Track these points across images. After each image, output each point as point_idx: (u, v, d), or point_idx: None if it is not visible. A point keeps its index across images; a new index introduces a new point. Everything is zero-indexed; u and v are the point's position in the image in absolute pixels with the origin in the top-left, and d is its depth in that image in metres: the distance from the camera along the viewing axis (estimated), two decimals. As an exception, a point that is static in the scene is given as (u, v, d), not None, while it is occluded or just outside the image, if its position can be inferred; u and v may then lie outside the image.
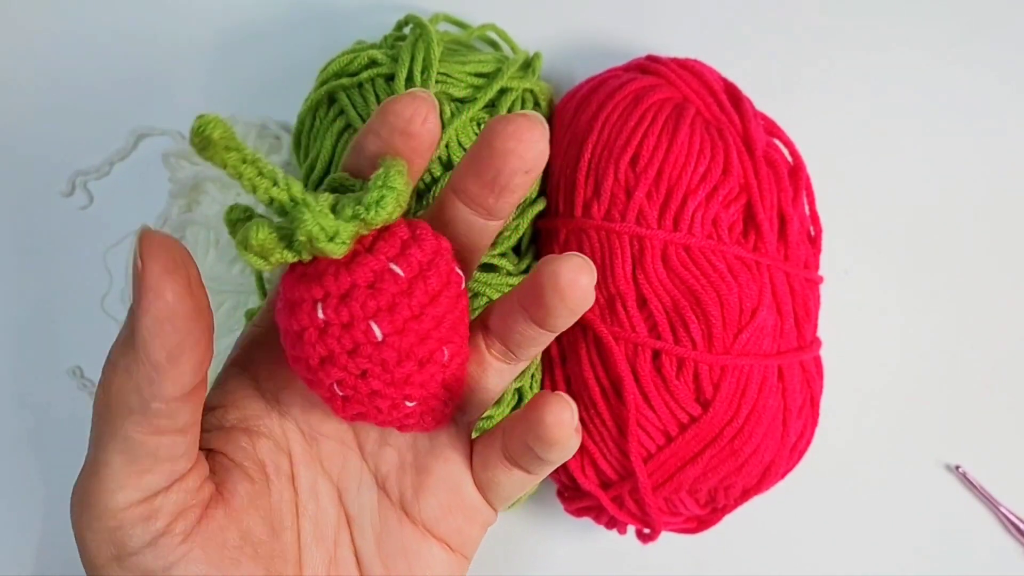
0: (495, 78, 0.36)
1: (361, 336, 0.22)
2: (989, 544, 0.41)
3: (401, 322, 0.22)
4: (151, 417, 0.22)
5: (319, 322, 0.22)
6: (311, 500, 0.26)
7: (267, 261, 0.22)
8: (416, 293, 0.22)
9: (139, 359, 0.21)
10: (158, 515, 0.23)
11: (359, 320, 0.22)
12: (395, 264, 0.22)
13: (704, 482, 0.34)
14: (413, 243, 0.23)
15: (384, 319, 0.22)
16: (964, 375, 0.41)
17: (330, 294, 0.22)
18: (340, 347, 0.22)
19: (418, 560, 0.27)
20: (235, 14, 0.45)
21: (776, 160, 0.36)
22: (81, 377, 0.43)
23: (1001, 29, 0.42)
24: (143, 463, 0.22)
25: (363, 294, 0.22)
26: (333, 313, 0.22)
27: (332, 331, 0.22)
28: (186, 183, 0.40)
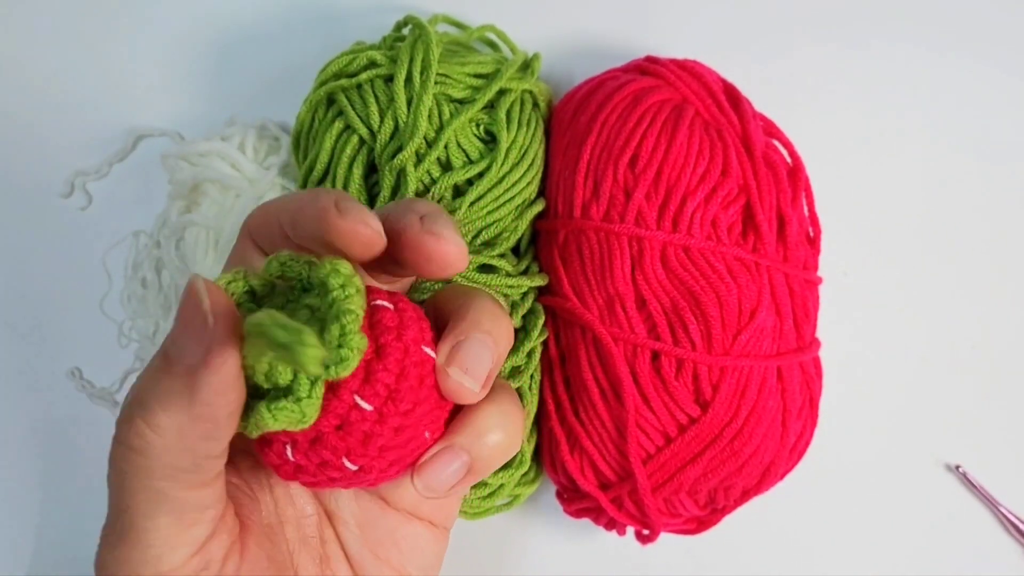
0: (494, 79, 0.36)
1: (337, 472, 0.22)
2: (989, 544, 0.40)
3: (376, 450, 0.22)
4: (201, 473, 0.21)
5: (291, 463, 0.22)
6: (288, 505, 0.26)
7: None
8: (389, 418, 0.22)
9: (198, 418, 0.20)
10: (211, 564, 0.22)
11: (332, 460, 0.22)
12: (361, 397, 0.21)
13: (703, 483, 0.34)
14: (378, 365, 0.21)
15: (357, 453, 0.22)
16: (964, 375, 0.41)
17: (298, 441, 0.21)
18: (317, 479, 0.22)
19: (405, 542, 0.27)
20: (235, 15, 0.45)
21: (775, 161, 0.36)
22: (80, 378, 0.43)
23: (1001, 30, 0.42)
24: (191, 517, 0.21)
25: (332, 438, 0.21)
26: (304, 457, 0.22)
27: (307, 469, 0.22)
28: (185, 184, 0.40)
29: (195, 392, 0.19)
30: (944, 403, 0.41)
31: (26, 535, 0.43)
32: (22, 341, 0.44)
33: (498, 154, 0.35)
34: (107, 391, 0.43)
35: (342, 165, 0.35)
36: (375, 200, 0.35)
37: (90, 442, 0.43)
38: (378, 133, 0.35)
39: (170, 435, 0.20)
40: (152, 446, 0.20)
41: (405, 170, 0.34)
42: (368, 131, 0.35)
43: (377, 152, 0.35)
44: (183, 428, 0.20)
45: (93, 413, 0.43)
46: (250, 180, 0.39)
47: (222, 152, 0.40)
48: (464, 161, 0.35)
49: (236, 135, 0.41)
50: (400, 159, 0.34)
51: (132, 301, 0.42)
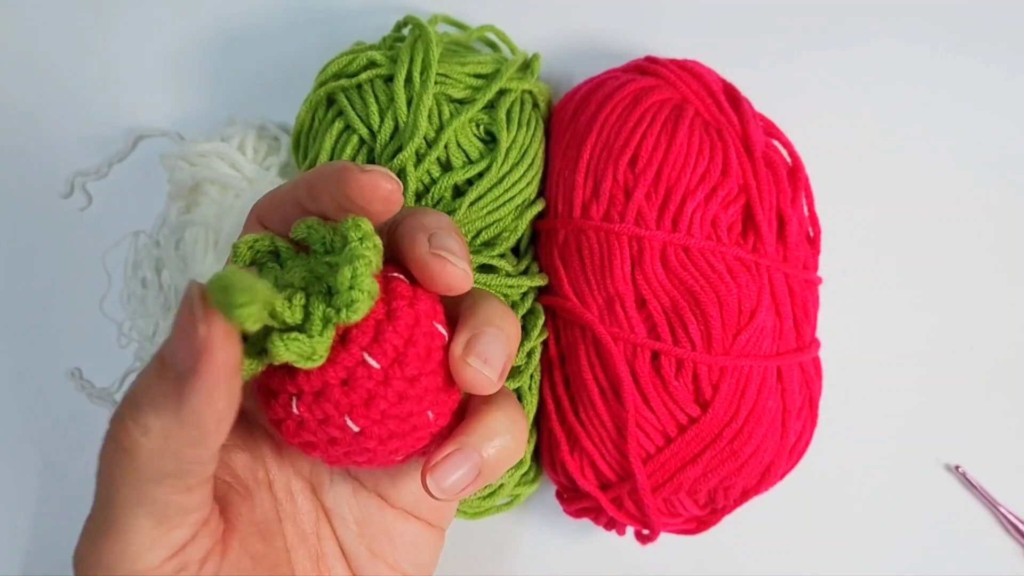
0: (494, 79, 0.36)
1: (337, 431, 0.22)
2: (989, 544, 0.40)
3: (379, 413, 0.22)
4: (187, 478, 0.21)
5: (295, 416, 0.22)
6: (288, 501, 0.26)
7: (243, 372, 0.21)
8: (393, 381, 0.22)
9: (185, 423, 0.19)
10: (188, 566, 0.22)
11: (334, 417, 0.22)
12: (369, 354, 0.22)
13: (703, 483, 0.34)
14: (388, 325, 0.22)
15: (360, 414, 0.22)
16: (964, 375, 0.41)
17: (304, 391, 0.22)
18: (318, 438, 0.22)
19: (402, 539, 0.27)
20: (234, 15, 0.45)
21: (775, 161, 0.36)
22: (80, 378, 0.43)
23: (1000, 31, 0.42)
24: (172, 520, 0.21)
25: (336, 392, 0.21)
26: (307, 411, 0.22)
27: (309, 425, 0.22)
28: (185, 184, 0.40)
29: (183, 398, 0.19)
30: (944, 403, 0.41)
31: (25, 535, 0.43)
32: (22, 341, 0.44)
33: (498, 154, 0.35)
34: (107, 391, 0.43)
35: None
36: (375, 200, 0.35)
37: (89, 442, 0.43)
38: (378, 133, 0.35)
39: (157, 438, 0.20)
40: (140, 447, 0.20)
41: (405, 170, 0.34)
42: (368, 131, 0.35)
43: (377, 152, 0.35)
44: (170, 432, 0.20)
45: (92, 413, 0.43)
46: (250, 180, 0.39)
47: (222, 152, 0.40)
48: (464, 161, 0.35)
49: (236, 135, 0.41)
50: (400, 159, 0.34)
51: (132, 301, 0.42)
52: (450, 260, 0.23)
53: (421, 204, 0.35)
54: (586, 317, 0.35)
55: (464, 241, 0.24)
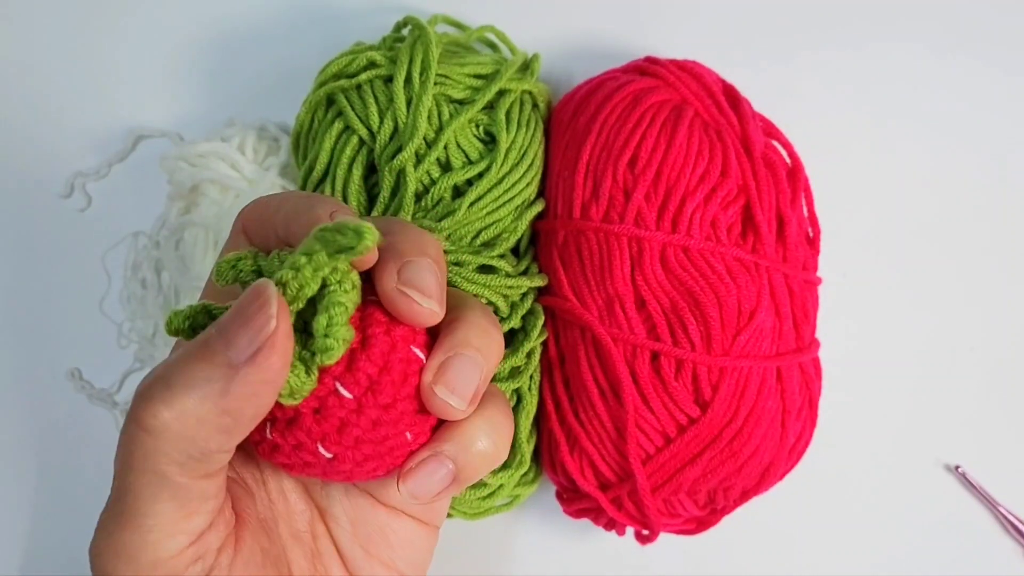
0: (493, 79, 0.36)
1: (310, 456, 0.22)
2: (989, 544, 0.40)
3: (351, 440, 0.22)
4: (209, 464, 0.21)
5: (269, 441, 0.22)
6: (281, 500, 0.26)
7: None
8: (367, 409, 0.22)
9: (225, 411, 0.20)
10: (206, 554, 0.22)
11: (306, 444, 0.22)
12: (341, 384, 0.22)
13: (703, 483, 0.34)
14: (362, 353, 0.22)
15: (332, 440, 0.22)
16: (963, 375, 0.41)
17: (277, 418, 0.22)
18: (292, 461, 0.23)
19: (396, 538, 0.27)
20: (234, 16, 0.45)
21: (774, 161, 0.36)
22: (80, 379, 0.43)
23: (1000, 32, 0.42)
24: (192, 506, 0.21)
25: (308, 420, 0.22)
26: (280, 437, 0.22)
27: (283, 450, 0.22)
28: (185, 185, 0.40)
29: (232, 385, 0.20)
30: (944, 403, 0.41)
31: (24, 535, 0.43)
32: (22, 341, 0.44)
33: (498, 155, 0.35)
34: (106, 392, 0.43)
35: (342, 166, 0.35)
36: (375, 201, 0.35)
37: (89, 442, 0.43)
38: (378, 134, 0.35)
39: (190, 421, 0.20)
40: (168, 428, 0.20)
41: (405, 171, 0.34)
42: (368, 132, 0.35)
43: (377, 153, 0.35)
44: (205, 417, 0.20)
45: (92, 414, 0.43)
46: (249, 181, 0.39)
47: (221, 153, 0.40)
48: (464, 162, 0.35)
49: (236, 136, 0.41)
50: (400, 160, 0.34)
51: (131, 302, 0.42)
52: (416, 300, 0.22)
53: (421, 204, 0.35)
54: (586, 318, 0.35)
55: (440, 268, 0.23)
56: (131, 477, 0.21)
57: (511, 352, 0.35)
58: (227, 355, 0.20)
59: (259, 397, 0.20)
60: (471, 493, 0.36)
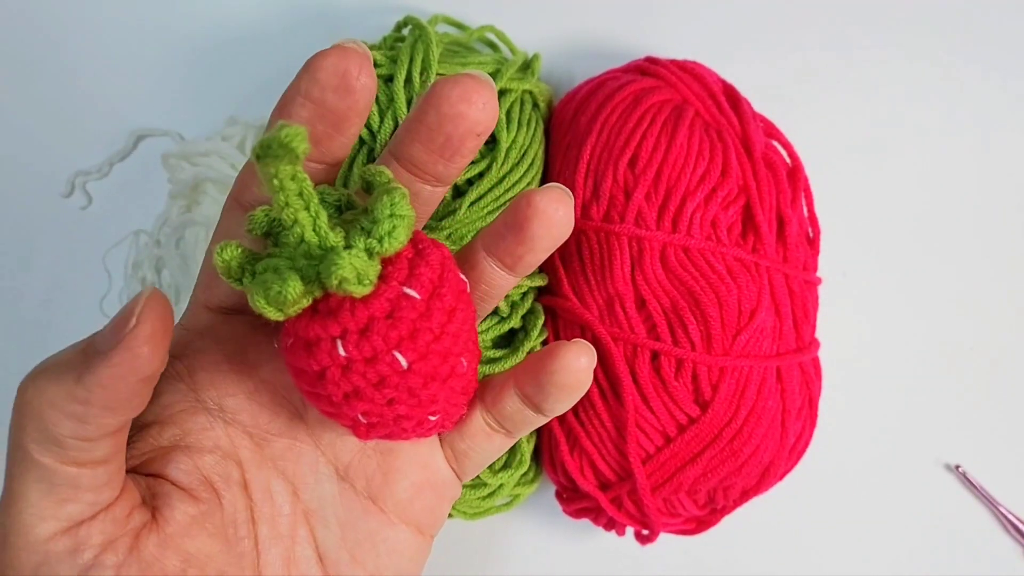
0: (494, 79, 0.36)
1: (386, 368, 0.21)
2: (989, 544, 0.41)
3: (424, 346, 0.22)
4: (68, 451, 0.21)
5: (341, 360, 0.21)
6: (266, 502, 0.25)
7: (283, 312, 0.21)
8: (434, 313, 0.22)
9: (76, 399, 0.20)
10: (85, 546, 0.22)
11: (383, 353, 0.21)
12: (408, 288, 0.21)
13: (703, 483, 0.35)
14: (420, 261, 0.22)
15: (407, 347, 0.21)
16: (964, 375, 0.41)
17: (349, 330, 0.21)
18: (366, 381, 0.22)
19: (385, 546, 0.26)
20: (235, 15, 0.45)
21: (775, 162, 0.36)
22: (81, 378, 0.43)
23: (1000, 34, 0.42)
24: (63, 492, 0.21)
25: (383, 326, 0.21)
26: (355, 349, 0.21)
27: (356, 367, 0.21)
28: (186, 184, 0.40)
29: (85, 374, 0.20)
30: (944, 403, 0.41)
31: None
32: (22, 341, 0.44)
33: (498, 154, 0.35)
34: (107, 391, 0.43)
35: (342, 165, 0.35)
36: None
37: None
38: (378, 133, 0.35)
39: (44, 401, 0.20)
40: (31, 406, 0.21)
41: (405, 170, 0.34)
42: (368, 131, 0.35)
43: (377, 152, 0.35)
44: (55, 400, 0.20)
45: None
46: (250, 180, 0.39)
47: (222, 152, 0.40)
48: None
49: (236, 135, 0.41)
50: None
51: (132, 301, 0.42)
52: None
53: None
54: (586, 317, 0.35)
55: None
56: (9, 456, 0.21)
57: (511, 352, 0.35)
58: (94, 346, 0.20)
59: (110, 393, 0.20)
60: (471, 493, 0.37)
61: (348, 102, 0.22)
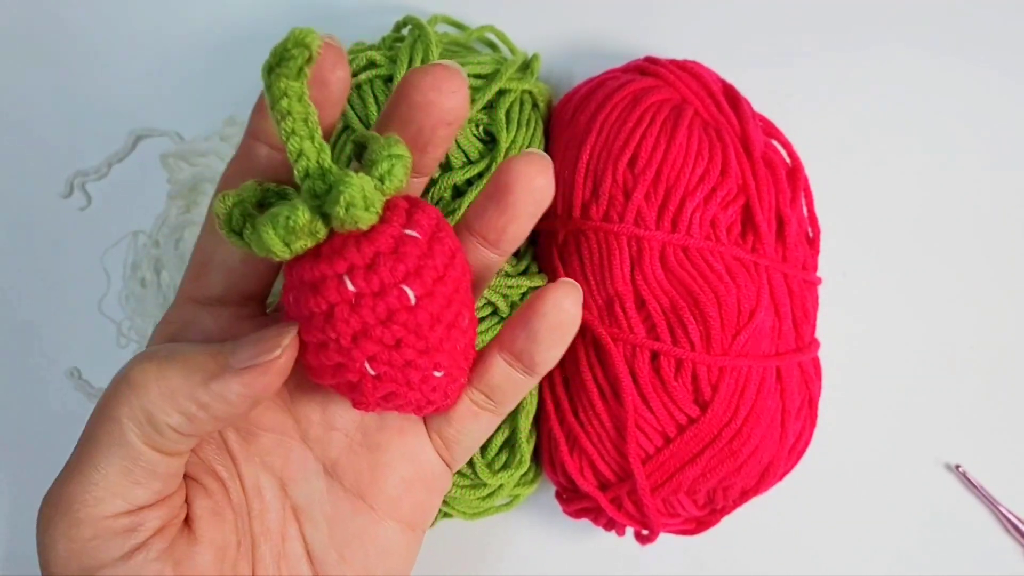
0: (493, 79, 0.36)
1: (395, 302, 0.21)
2: (989, 544, 0.40)
3: (430, 283, 0.22)
4: (164, 439, 0.22)
5: (349, 295, 0.21)
6: (256, 498, 0.25)
7: (289, 248, 0.21)
8: (436, 254, 0.22)
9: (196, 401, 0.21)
10: (140, 529, 0.22)
11: (390, 286, 0.21)
12: (409, 229, 0.22)
13: (703, 483, 0.34)
14: (417, 209, 0.22)
15: (414, 282, 0.22)
16: (964, 375, 0.41)
17: (356, 265, 0.21)
18: (374, 317, 0.21)
19: (375, 543, 0.26)
20: (234, 14, 0.45)
21: (774, 161, 0.36)
22: (79, 378, 0.43)
23: (1000, 33, 0.42)
24: (139, 475, 0.22)
25: (390, 260, 0.21)
26: (363, 282, 0.21)
27: (365, 302, 0.21)
28: (185, 184, 0.40)
29: (215, 381, 0.21)
30: (944, 403, 0.41)
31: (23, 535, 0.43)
32: (21, 340, 0.44)
33: (498, 154, 0.35)
34: (106, 391, 0.43)
35: (341, 165, 0.35)
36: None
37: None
38: (377, 133, 0.35)
39: (165, 389, 0.21)
40: (145, 386, 0.21)
41: (404, 170, 0.34)
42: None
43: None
44: (177, 393, 0.21)
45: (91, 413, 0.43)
46: (249, 180, 0.39)
47: (221, 152, 0.40)
48: (463, 161, 0.35)
49: (235, 135, 0.41)
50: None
51: (131, 301, 0.42)
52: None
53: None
54: (585, 318, 0.35)
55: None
56: (96, 426, 0.22)
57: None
58: (227, 358, 0.21)
59: (230, 405, 0.21)
60: (471, 493, 0.36)
61: (324, 94, 0.22)
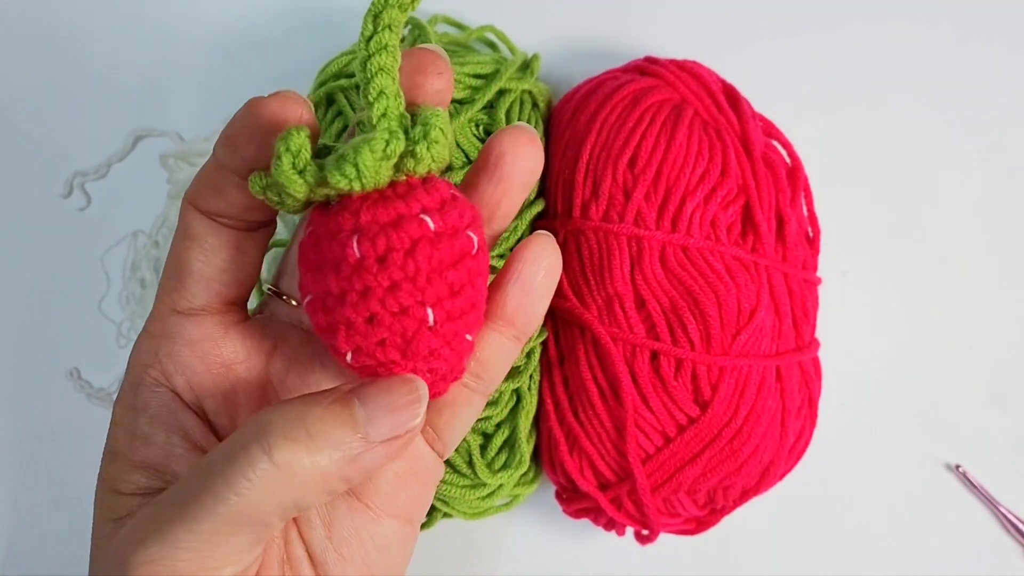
0: (493, 79, 0.36)
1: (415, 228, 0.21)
2: (989, 544, 0.40)
3: (452, 220, 0.22)
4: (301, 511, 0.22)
5: (430, 232, 0.21)
6: None
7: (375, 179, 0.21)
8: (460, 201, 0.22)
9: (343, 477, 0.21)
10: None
11: (461, 229, 0.22)
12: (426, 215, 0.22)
13: (703, 483, 0.34)
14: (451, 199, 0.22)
15: (434, 211, 0.22)
16: (964, 375, 0.41)
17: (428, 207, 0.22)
18: (451, 257, 0.22)
19: (372, 540, 0.26)
20: (234, 15, 0.45)
21: (774, 161, 0.36)
22: (78, 379, 0.43)
23: (999, 32, 0.42)
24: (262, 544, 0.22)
25: (457, 205, 0.22)
26: (441, 221, 0.21)
27: (444, 240, 0.21)
28: (184, 184, 0.40)
29: (362, 458, 0.21)
30: (944, 403, 0.41)
31: (22, 535, 0.43)
32: (20, 341, 0.44)
33: (497, 154, 0.35)
34: (105, 391, 0.43)
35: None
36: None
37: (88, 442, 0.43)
38: (377, 133, 0.35)
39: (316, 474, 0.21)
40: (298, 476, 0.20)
41: (404, 170, 0.34)
42: (367, 131, 0.35)
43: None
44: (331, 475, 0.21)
45: (92, 414, 0.43)
46: (249, 180, 0.39)
47: (221, 152, 0.40)
48: (464, 161, 0.35)
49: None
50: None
51: (131, 301, 0.42)
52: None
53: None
54: (585, 317, 0.35)
55: None
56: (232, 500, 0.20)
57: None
58: (367, 430, 0.21)
59: (374, 472, 0.21)
60: (471, 493, 0.36)
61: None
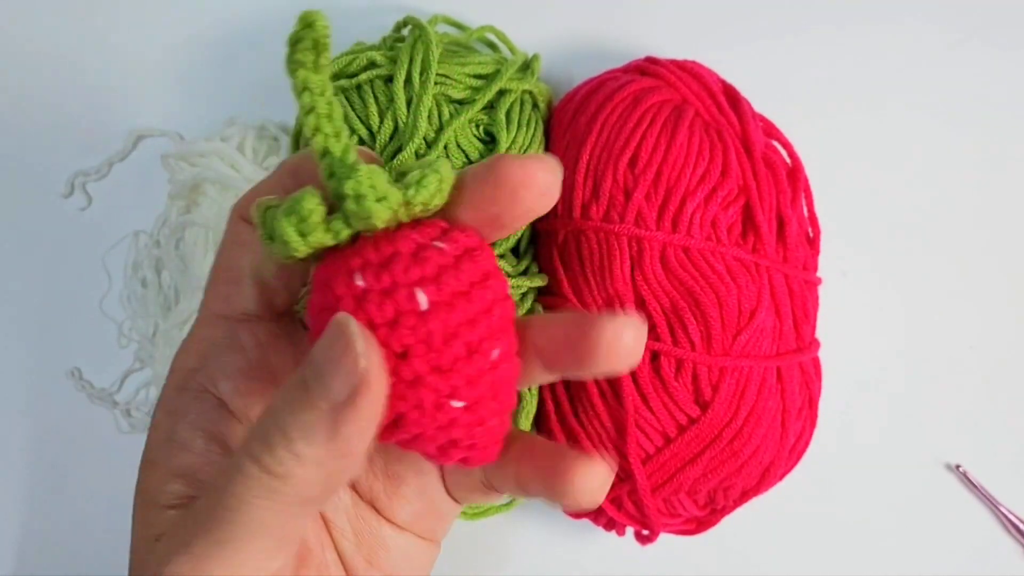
0: (494, 79, 0.36)
1: (404, 302, 0.20)
2: (989, 544, 0.40)
3: (448, 295, 0.20)
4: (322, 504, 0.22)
5: (357, 290, 0.20)
6: None
7: (305, 240, 0.20)
8: (463, 269, 0.20)
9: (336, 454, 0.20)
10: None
11: (401, 286, 0.20)
12: (439, 242, 0.20)
13: (703, 483, 0.34)
14: (455, 229, 0.21)
15: (428, 286, 0.20)
16: (964, 375, 0.41)
17: (369, 262, 0.20)
18: (381, 317, 0.20)
19: (397, 550, 0.27)
20: (234, 15, 0.45)
21: (775, 161, 0.36)
22: (79, 378, 0.43)
23: (1000, 32, 0.42)
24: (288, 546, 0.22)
25: (406, 260, 0.20)
26: (373, 279, 0.20)
27: (371, 297, 0.20)
28: (185, 184, 0.40)
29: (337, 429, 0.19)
30: (944, 403, 0.41)
31: (22, 535, 0.43)
32: (22, 341, 0.44)
33: (498, 154, 0.35)
34: (106, 391, 0.43)
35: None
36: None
37: (88, 442, 0.43)
38: (378, 134, 0.35)
39: (311, 466, 0.20)
40: (293, 475, 0.20)
41: (405, 170, 0.34)
42: (368, 131, 0.35)
43: (377, 152, 0.35)
44: (322, 461, 0.20)
45: (92, 414, 0.43)
46: (249, 180, 0.39)
47: (222, 152, 0.40)
48: (464, 162, 0.35)
49: (236, 135, 0.41)
50: (400, 160, 0.34)
51: (132, 301, 0.42)
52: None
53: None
54: (586, 317, 0.35)
55: None
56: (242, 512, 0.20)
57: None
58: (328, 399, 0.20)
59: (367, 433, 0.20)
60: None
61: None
